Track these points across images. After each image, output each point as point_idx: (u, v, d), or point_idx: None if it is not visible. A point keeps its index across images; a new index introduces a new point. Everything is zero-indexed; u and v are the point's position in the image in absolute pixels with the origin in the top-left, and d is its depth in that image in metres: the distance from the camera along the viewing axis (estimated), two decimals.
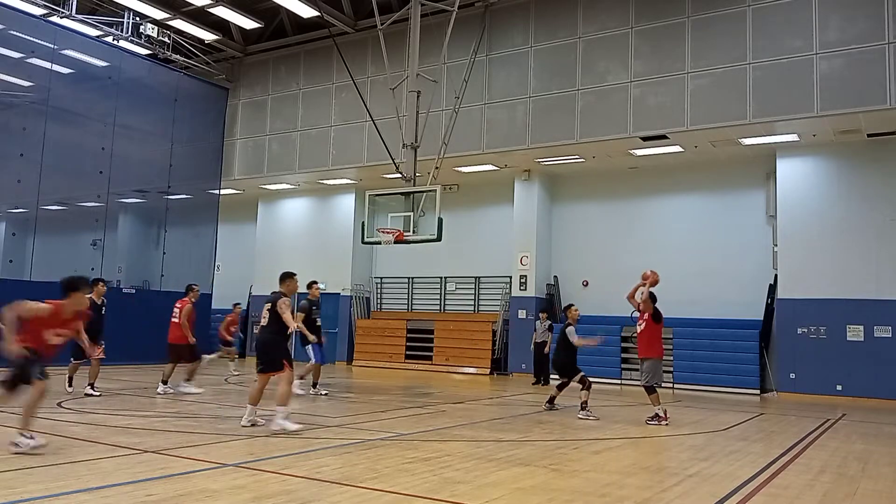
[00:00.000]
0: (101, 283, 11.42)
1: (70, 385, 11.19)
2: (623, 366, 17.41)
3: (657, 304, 10.14)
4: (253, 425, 8.29)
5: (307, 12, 18.74)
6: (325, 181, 21.98)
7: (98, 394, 10.89)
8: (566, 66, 17.04)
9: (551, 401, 11.34)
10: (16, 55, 18.42)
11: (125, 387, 11.86)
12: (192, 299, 12.11)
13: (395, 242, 15.42)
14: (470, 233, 20.77)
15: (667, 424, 9.67)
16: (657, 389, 9.97)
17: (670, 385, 16.22)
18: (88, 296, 11.12)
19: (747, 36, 14.99)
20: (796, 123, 14.77)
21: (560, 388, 11.33)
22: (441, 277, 21.45)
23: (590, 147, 16.99)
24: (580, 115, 16.68)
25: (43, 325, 6.52)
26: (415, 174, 15.96)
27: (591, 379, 10.74)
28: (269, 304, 8.45)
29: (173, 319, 11.95)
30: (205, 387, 13.14)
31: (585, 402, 10.36)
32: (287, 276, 8.80)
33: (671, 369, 16.24)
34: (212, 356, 15.95)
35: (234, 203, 23.66)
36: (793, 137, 15.53)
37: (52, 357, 6.74)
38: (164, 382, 11.70)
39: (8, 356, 6.31)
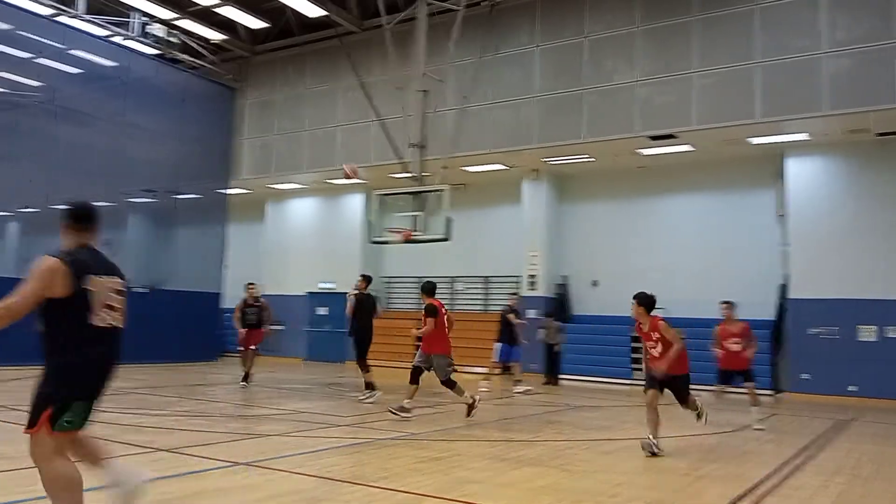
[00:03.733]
0: (252, 286, 14.22)
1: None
2: (633, 366, 17.32)
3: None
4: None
5: (314, 12, 18.76)
6: (332, 181, 21.99)
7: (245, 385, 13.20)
8: (572, 66, 16.99)
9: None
10: (24, 55, 18.42)
11: (137, 385, 11.91)
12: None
13: (403, 242, 15.43)
14: (479, 232, 20.72)
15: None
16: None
17: None
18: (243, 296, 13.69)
19: (755, 35, 14.92)
20: (804, 123, 14.69)
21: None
22: (450, 277, 21.42)
23: (597, 146, 16.93)
24: (587, 114, 16.64)
25: None
26: (422, 174, 15.97)
27: (604, 379, 10.73)
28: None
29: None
30: (217, 386, 13.16)
31: None
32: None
33: None
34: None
35: (242, 203, 23.69)
36: (801, 137, 15.44)
37: None
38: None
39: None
